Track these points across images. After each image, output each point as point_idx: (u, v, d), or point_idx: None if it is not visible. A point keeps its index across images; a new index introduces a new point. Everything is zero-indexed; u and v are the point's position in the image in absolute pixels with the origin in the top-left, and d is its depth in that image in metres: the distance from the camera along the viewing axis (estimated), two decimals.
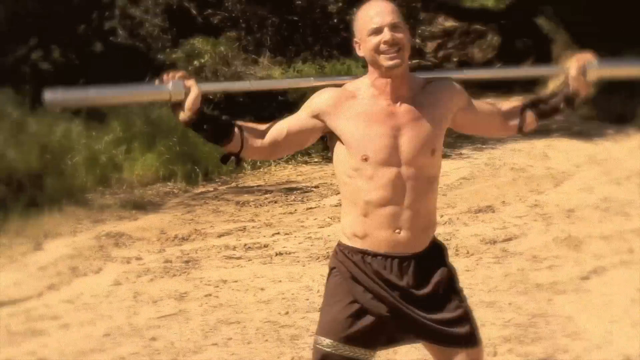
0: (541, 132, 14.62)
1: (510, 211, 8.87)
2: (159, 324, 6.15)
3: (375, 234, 3.23)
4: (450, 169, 11.07)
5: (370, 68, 3.26)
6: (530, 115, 3.47)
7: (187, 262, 7.64)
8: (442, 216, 8.40)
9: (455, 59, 24.70)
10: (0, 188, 9.42)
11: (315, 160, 12.64)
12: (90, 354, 5.66)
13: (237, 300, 6.57)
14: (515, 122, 3.45)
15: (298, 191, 10.56)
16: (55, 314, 6.47)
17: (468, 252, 7.34)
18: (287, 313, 6.19)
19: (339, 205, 9.32)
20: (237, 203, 10.00)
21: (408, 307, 3.21)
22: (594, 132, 13.86)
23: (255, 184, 11.24)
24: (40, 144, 10.18)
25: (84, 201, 9.94)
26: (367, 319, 3.25)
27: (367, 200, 3.21)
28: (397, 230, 3.20)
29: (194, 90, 3.10)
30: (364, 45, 3.22)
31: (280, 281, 6.96)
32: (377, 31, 3.16)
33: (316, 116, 3.26)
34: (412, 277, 3.23)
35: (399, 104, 3.22)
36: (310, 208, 9.58)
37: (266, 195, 10.37)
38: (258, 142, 3.29)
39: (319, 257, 7.47)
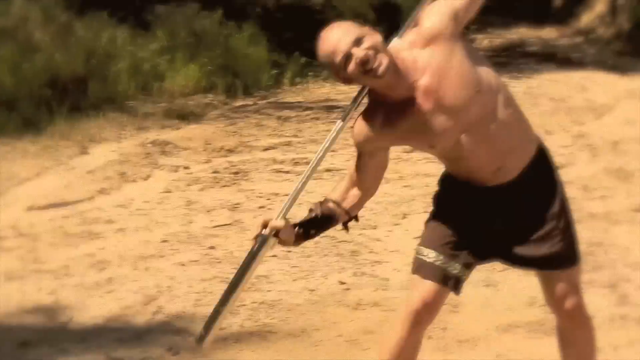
0: (576, 64, 14.52)
1: (555, 140, 8.73)
2: (216, 233, 6.12)
3: (477, 179, 3.13)
4: None
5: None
6: None
7: (236, 173, 7.61)
8: None
9: None
10: (46, 91, 9.35)
11: None
12: (150, 259, 5.63)
13: (291, 214, 6.51)
14: None
15: (339, 109, 10.45)
16: (110, 218, 6.45)
17: None
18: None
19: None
20: (279, 118, 9.95)
21: (503, 230, 3.16)
22: (629, 66, 13.66)
23: (295, 100, 11.18)
24: (86, 49, 10.10)
25: (127, 108, 9.89)
26: (465, 237, 3.20)
27: (460, 167, 3.13)
28: (498, 169, 3.08)
29: (281, 231, 3.12)
30: (344, 77, 2.99)
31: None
32: (347, 58, 2.91)
33: (370, 148, 3.15)
34: (514, 198, 3.14)
35: (415, 87, 2.97)
36: (352, 127, 9.48)
37: (307, 112, 10.31)
38: (355, 199, 3.23)
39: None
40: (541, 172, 3.18)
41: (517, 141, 3.11)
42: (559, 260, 3.16)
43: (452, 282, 3.22)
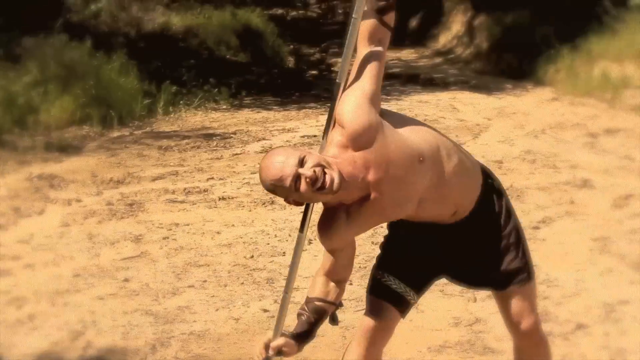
0: (440, 84, 15.05)
1: None
2: (126, 265, 6.13)
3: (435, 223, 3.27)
4: None
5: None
6: (389, 17, 3.12)
7: (130, 204, 7.60)
8: None
9: (340, 11, 24.98)
10: None
11: (224, 107, 12.68)
12: (67, 295, 5.60)
13: (196, 244, 6.60)
14: (387, 33, 3.14)
15: (217, 137, 10.58)
16: (15, 254, 6.35)
17: None
18: (252, 257, 6.27)
19: (263, 151, 9.44)
20: (160, 148, 9.96)
21: (457, 255, 3.30)
22: (492, 86, 14.29)
23: (171, 129, 11.20)
24: None
25: (4, 142, 9.69)
26: (418, 261, 3.32)
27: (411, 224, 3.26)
28: (455, 214, 3.20)
29: (285, 349, 3.21)
30: (299, 199, 3.00)
31: (233, 225, 7.02)
32: (296, 181, 2.90)
33: (341, 242, 3.18)
34: (470, 226, 3.26)
35: (360, 185, 2.99)
36: (236, 154, 9.63)
37: (186, 141, 10.36)
38: (336, 290, 3.30)
39: (264, 203, 7.54)
40: (490, 197, 3.33)
41: (467, 182, 3.24)
42: (513, 276, 3.30)
43: (404, 305, 3.36)
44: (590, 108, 11.70)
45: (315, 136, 10.45)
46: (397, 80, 15.49)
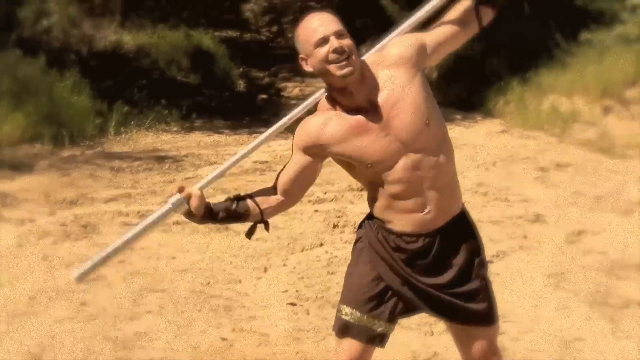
0: None
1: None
2: (82, 288, 6.09)
3: (402, 218, 3.26)
4: None
5: (325, 81, 3.23)
6: (484, 11, 3.34)
7: (84, 226, 7.58)
8: (325, 193, 8.66)
9: (290, 35, 25.03)
10: None
11: (175, 129, 12.68)
12: (24, 317, 5.57)
13: (153, 269, 6.60)
14: (475, 24, 3.36)
15: (169, 160, 10.57)
16: None
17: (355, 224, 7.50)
18: (208, 283, 6.28)
19: None
20: (112, 169, 9.93)
21: (427, 283, 3.30)
22: (445, 116, 14.40)
23: (123, 150, 11.16)
24: None
25: None
26: (386, 291, 3.33)
27: (388, 195, 3.24)
28: (424, 211, 3.23)
29: (194, 197, 3.21)
30: (311, 59, 3.16)
31: (188, 251, 7.03)
32: (324, 41, 3.10)
33: (309, 152, 3.27)
34: (437, 252, 3.28)
35: (370, 101, 3.18)
36: (188, 178, 9.62)
37: (138, 162, 10.33)
38: (274, 202, 3.34)
39: (218, 228, 7.55)
40: (464, 231, 3.37)
41: (448, 190, 3.30)
42: (483, 317, 3.35)
43: (377, 339, 3.35)
44: (540, 141, 11.86)
45: (267, 162, 10.49)
46: None
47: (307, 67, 3.20)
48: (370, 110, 3.17)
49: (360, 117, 3.17)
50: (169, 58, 15.66)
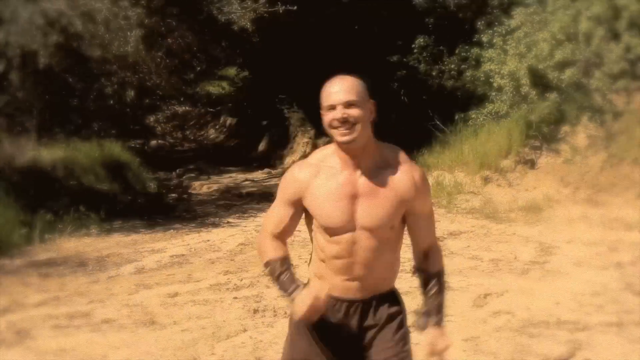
0: None
1: (305, 269, 8.92)
2: None
3: (331, 278, 3.24)
4: (226, 236, 11.15)
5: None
6: (425, 280, 3.42)
7: (18, 332, 7.15)
8: (241, 280, 8.42)
9: (192, 137, 24.92)
10: None
11: (95, 232, 12.25)
12: None
13: None
14: (416, 263, 3.44)
15: (92, 261, 10.17)
16: None
17: (285, 313, 7.25)
18: None
19: (137, 272, 9.14)
20: (40, 274, 9.48)
21: (350, 350, 3.26)
22: None
23: (49, 257, 10.68)
24: None
25: None
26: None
27: (324, 250, 3.23)
28: (349, 280, 3.22)
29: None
30: (324, 117, 3.17)
31: (118, 348, 6.67)
32: (332, 108, 3.11)
33: (295, 202, 3.27)
34: (356, 322, 3.26)
35: (359, 173, 3.17)
36: (111, 277, 9.26)
37: (64, 266, 9.90)
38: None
39: (145, 323, 7.22)
40: (389, 305, 3.32)
41: (377, 274, 3.26)
42: None
43: None
44: None
45: (183, 255, 10.22)
46: (252, 198, 15.52)
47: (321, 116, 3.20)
48: (353, 179, 3.17)
49: (339, 182, 3.17)
50: (85, 168, 15.26)
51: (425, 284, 3.37)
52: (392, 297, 3.36)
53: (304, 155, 19.45)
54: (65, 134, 16.36)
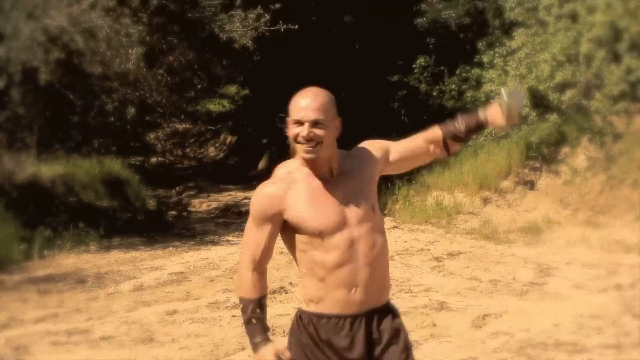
0: None
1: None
2: None
3: (332, 295, 3.16)
4: (225, 254, 11.16)
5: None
6: (451, 143, 3.42)
7: (16, 349, 7.15)
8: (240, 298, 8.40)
9: (191, 155, 24.96)
10: None
11: (95, 249, 12.25)
12: None
13: None
14: (442, 151, 3.44)
15: (91, 278, 10.17)
16: None
17: (284, 332, 7.22)
18: None
19: (136, 290, 9.14)
20: (38, 290, 9.48)
21: None
22: None
23: (47, 273, 10.68)
24: None
25: None
26: None
27: (323, 265, 3.14)
28: (353, 290, 3.14)
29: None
30: (289, 128, 3.17)
31: None
32: (299, 123, 3.12)
33: (271, 217, 3.20)
34: (362, 337, 3.18)
35: (331, 175, 3.20)
36: (110, 293, 9.26)
37: (62, 282, 9.91)
38: (264, 278, 3.33)
39: (143, 340, 7.22)
40: (392, 318, 3.27)
41: (379, 276, 3.22)
42: None
43: None
44: (429, 234, 11.89)
45: (182, 272, 10.23)
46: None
47: (288, 132, 3.19)
48: (329, 181, 3.19)
49: (317, 185, 3.18)
50: (84, 184, 15.29)
51: (459, 126, 3.44)
52: (392, 310, 3.32)
53: None
54: (66, 151, 16.38)
